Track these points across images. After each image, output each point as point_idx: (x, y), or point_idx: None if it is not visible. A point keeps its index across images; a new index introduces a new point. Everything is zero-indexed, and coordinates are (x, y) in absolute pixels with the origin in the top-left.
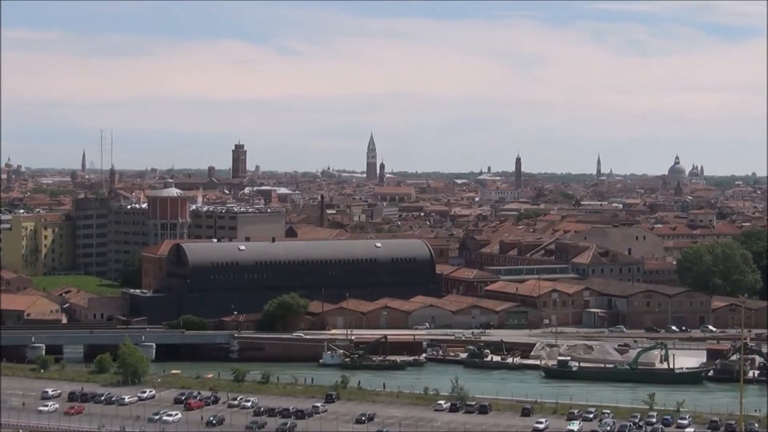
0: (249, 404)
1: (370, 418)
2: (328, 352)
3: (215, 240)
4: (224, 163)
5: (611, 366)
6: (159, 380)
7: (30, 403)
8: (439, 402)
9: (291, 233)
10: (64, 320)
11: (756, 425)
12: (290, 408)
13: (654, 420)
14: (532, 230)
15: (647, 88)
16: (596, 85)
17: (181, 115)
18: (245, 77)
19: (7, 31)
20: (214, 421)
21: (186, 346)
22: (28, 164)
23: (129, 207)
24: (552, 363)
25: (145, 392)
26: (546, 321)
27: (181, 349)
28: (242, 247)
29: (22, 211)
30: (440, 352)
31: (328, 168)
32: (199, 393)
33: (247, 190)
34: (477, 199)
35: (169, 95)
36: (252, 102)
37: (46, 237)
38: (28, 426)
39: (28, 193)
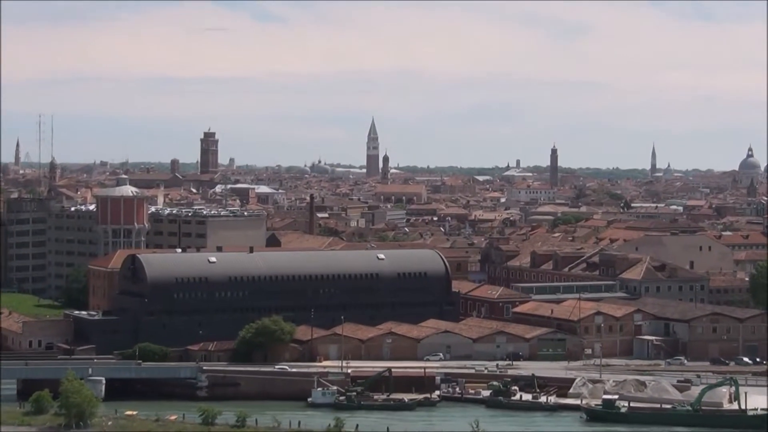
0: None
1: None
2: (319, 389)
3: (179, 250)
4: (191, 155)
5: (669, 407)
6: (110, 423)
7: None
8: None
9: (273, 242)
10: None
11: None
12: None
13: None
14: (570, 239)
15: (715, 65)
16: (652, 61)
17: (137, 97)
18: (216, 49)
19: None
20: None
21: (143, 382)
22: None
23: (73, 209)
24: (595, 403)
25: None
26: (588, 351)
27: (137, 385)
28: (213, 259)
29: None
30: (457, 389)
31: (319, 161)
32: None
33: (218, 188)
34: (503, 200)
35: (123, 72)
36: (224, 80)
37: None
38: None
39: None
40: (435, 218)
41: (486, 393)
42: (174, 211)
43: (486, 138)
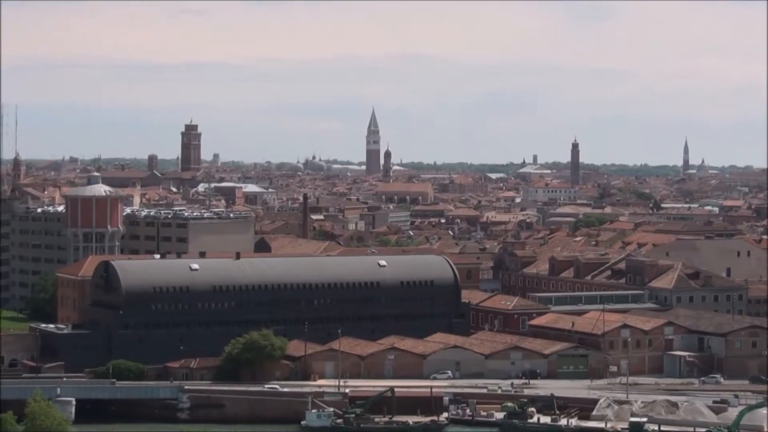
0: None
1: None
2: (314, 411)
3: (158, 256)
4: (170, 150)
5: (703, 430)
6: None
7: None
8: None
9: (262, 247)
10: None
11: None
12: None
13: None
14: (593, 243)
15: (755, 49)
16: (684, 45)
17: (111, 86)
18: (198, 33)
19: None
20: None
21: (118, 403)
22: None
23: (39, 210)
24: (622, 426)
25: None
26: (613, 368)
27: (111, 407)
28: (195, 266)
29: None
30: (467, 411)
31: (314, 157)
32: None
33: (201, 187)
34: (518, 200)
35: (95, 58)
36: (208, 67)
37: None
38: None
39: None
40: (442, 220)
41: (500, 415)
42: (152, 213)
43: (499, 131)
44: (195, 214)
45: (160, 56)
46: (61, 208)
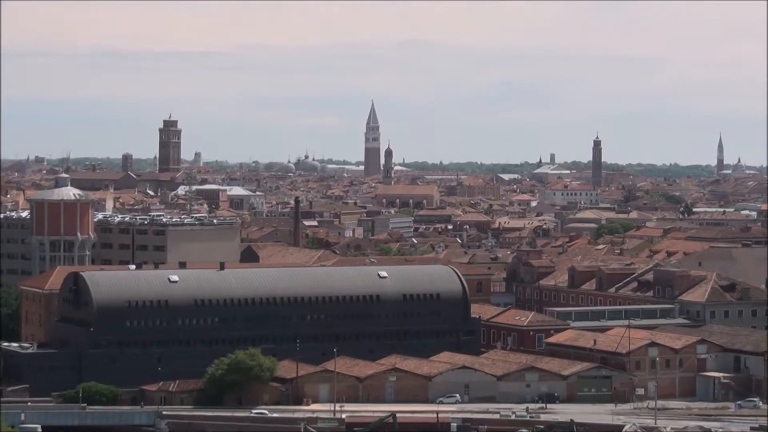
0: None
1: None
2: None
3: (133, 267)
4: (147, 149)
5: None
6: None
7: None
8: None
9: (249, 256)
10: None
11: None
12: None
13: None
14: (618, 252)
15: None
16: (718, 31)
17: (80, 76)
18: (176, 17)
19: None
20: None
21: (88, 430)
22: None
23: (2, 216)
24: None
25: None
26: (640, 391)
27: None
28: (175, 278)
29: None
30: None
31: (306, 156)
32: None
33: (182, 190)
34: (534, 204)
35: (62, 46)
36: (188, 56)
37: None
38: None
39: None
40: (449, 227)
41: None
42: (126, 219)
43: (513, 127)
44: (174, 219)
45: (134, 43)
46: (25, 214)
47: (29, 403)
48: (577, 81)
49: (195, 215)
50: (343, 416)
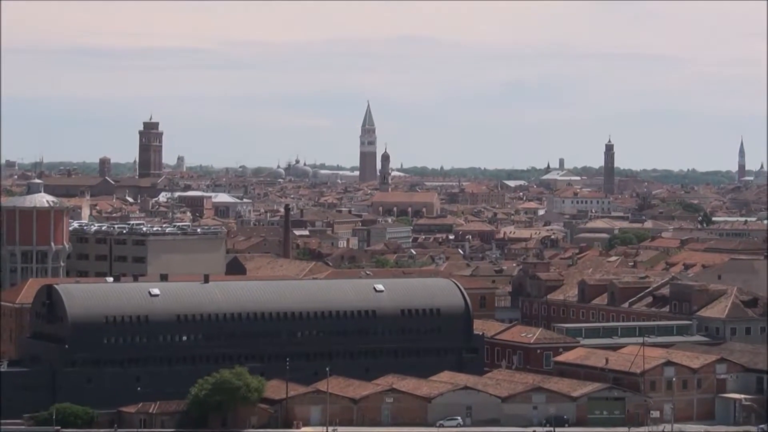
0: None
1: None
2: None
3: (111, 279)
4: (126, 152)
5: None
6: None
7: None
8: None
9: (236, 268)
10: None
11: None
12: None
13: None
14: (631, 264)
15: None
16: (740, 27)
17: (54, 74)
18: (158, 11)
19: None
20: None
21: None
22: None
23: None
24: None
25: None
26: (655, 413)
27: None
28: (155, 291)
29: None
30: None
31: (297, 161)
32: None
33: (163, 197)
34: (541, 212)
35: (33, 41)
36: (171, 53)
37: None
38: None
39: None
40: (451, 237)
41: None
42: (104, 228)
43: (519, 130)
44: (155, 229)
45: (112, 39)
46: None
47: (0, 426)
48: (588, 80)
49: (177, 224)
50: None
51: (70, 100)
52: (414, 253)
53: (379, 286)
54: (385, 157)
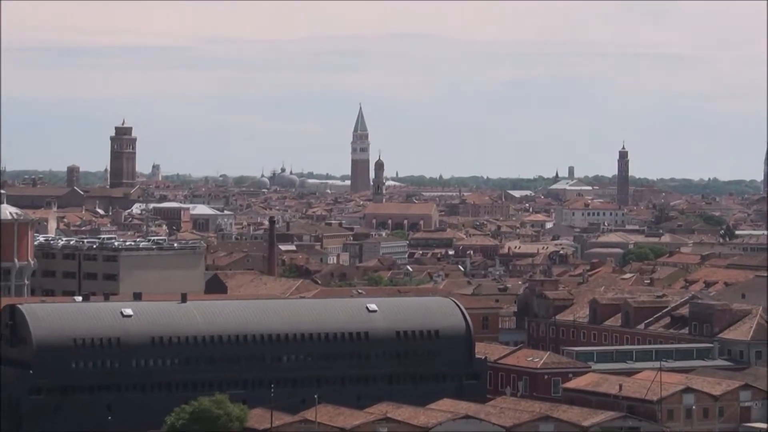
0: None
1: None
2: None
3: (80, 298)
4: (96, 160)
5: None
6: None
7: None
8: None
9: (216, 286)
10: None
11: None
12: None
13: None
14: (647, 282)
15: None
16: (761, 23)
17: (16, 74)
18: (130, 8)
19: None
20: None
21: None
22: None
23: None
24: None
25: None
26: None
27: None
28: (128, 312)
29: None
30: None
31: (283, 170)
32: None
33: (137, 208)
34: (549, 225)
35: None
36: (144, 51)
37: None
38: None
39: None
40: (451, 252)
41: None
42: (72, 242)
43: (525, 135)
44: (128, 243)
45: (80, 36)
46: None
47: None
48: (601, 82)
49: (152, 238)
50: None
51: (33, 102)
52: (410, 269)
53: (373, 306)
54: (379, 165)
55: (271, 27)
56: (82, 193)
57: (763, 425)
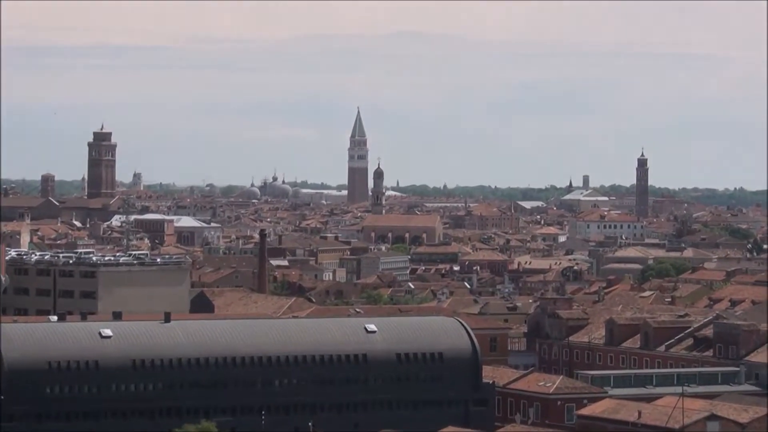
0: None
1: None
2: None
3: (55, 318)
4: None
5: None
6: None
7: None
8: None
9: (202, 305)
10: None
11: None
12: None
13: None
14: (668, 300)
15: None
16: None
17: None
18: (110, 3)
19: None
20: None
21: None
22: None
23: None
24: None
25: None
26: None
27: None
28: (107, 332)
29: None
30: None
31: (275, 179)
32: None
33: (117, 220)
34: (563, 239)
35: None
36: (125, 52)
37: None
38: None
39: None
40: (456, 268)
41: None
42: (47, 257)
43: (536, 141)
44: (107, 258)
45: (56, 35)
46: None
47: None
48: (618, 84)
49: (133, 253)
50: None
51: (6, 106)
52: (412, 287)
53: (371, 327)
54: (378, 174)
55: (263, 26)
56: (57, 203)
57: None
